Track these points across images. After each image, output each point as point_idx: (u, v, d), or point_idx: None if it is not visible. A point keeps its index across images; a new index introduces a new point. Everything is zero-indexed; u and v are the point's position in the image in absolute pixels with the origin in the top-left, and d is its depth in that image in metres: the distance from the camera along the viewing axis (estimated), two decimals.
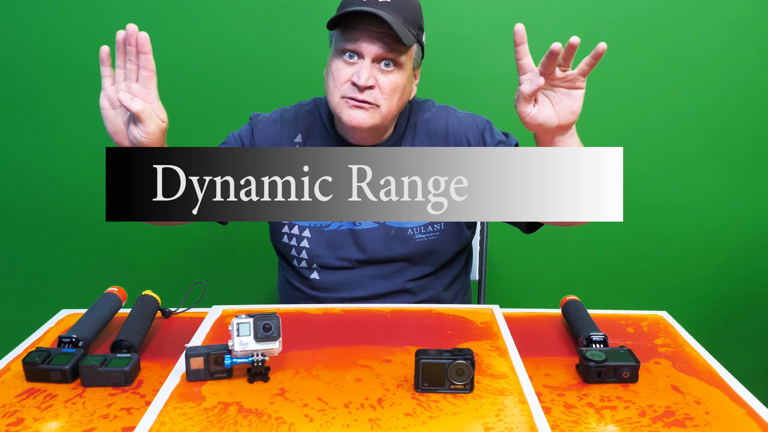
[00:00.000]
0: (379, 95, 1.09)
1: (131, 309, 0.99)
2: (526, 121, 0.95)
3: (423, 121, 1.23)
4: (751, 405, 0.82)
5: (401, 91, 1.11)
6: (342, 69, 1.09)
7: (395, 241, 1.20)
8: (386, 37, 1.06)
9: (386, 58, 1.08)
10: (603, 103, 1.79)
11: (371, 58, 1.07)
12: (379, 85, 1.08)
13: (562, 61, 0.90)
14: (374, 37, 1.06)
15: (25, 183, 1.86)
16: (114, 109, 0.95)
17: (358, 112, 1.09)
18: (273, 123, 1.24)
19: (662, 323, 1.07)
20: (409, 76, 1.13)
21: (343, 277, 1.22)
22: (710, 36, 1.74)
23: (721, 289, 1.95)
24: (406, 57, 1.10)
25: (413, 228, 1.20)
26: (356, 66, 1.08)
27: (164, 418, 0.77)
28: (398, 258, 1.21)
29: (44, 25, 1.73)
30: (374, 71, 1.08)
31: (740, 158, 1.83)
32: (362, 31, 1.06)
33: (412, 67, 1.14)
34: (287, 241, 1.23)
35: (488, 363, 0.91)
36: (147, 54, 0.93)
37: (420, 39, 1.13)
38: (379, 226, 1.20)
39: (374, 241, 1.20)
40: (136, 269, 1.93)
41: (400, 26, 1.05)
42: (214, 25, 1.73)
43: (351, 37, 1.07)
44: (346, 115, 1.09)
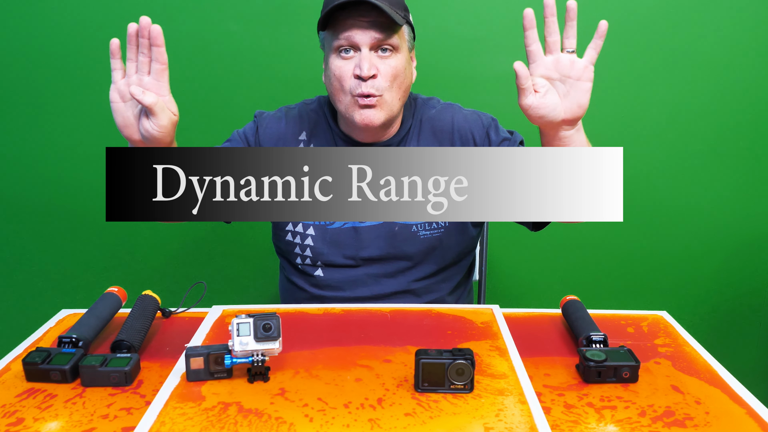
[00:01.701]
0: (382, 83, 1.09)
1: (131, 309, 0.99)
2: (528, 113, 0.94)
3: (428, 118, 1.23)
4: (751, 405, 0.82)
5: (402, 74, 1.12)
6: (342, 66, 1.09)
7: (399, 239, 1.20)
8: (376, 24, 1.07)
9: (382, 44, 1.09)
10: (603, 103, 1.78)
11: (368, 47, 1.08)
12: (381, 73, 1.09)
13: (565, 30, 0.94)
14: (365, 26, 1.07)
15: (25, 183, 1.86)
16: (124, 102, 0.96)
17: (369, 111, 1.09)
18: (278, 120, 1.24)
19: (662, 323, 1.07)
20: (406, 58, 1.14)
21: (347, 275, 1.22)
22: (710, 36, 1.74)
23: (721, 289, 1.95)
24: (400, 39, 1.11)
25: (417, 225, 1.20)
26: (355, 58, 1.09)
27: (164, 418, 0.77)
28: (402, 256, 1.21)
29: (44, 25, 1.73)
30: (374, 59, 1.09)
31: (740, 158, 1.83)
32: (352, 24, 1.07)
33: (407, 48, 1.15)
34: (291, 239, 1.22)
35: (488, 363, 0.91)
36: (160, 47, 0.93)
37: (408, 19, 1.14)
38: (383, 224, 1.20)
39: (378, 238, 1.20)
40: (136, 269, 1.93)
41: (387, 7, 1.07)
42: (214, 25, 1.73)
43: (343, 32, 1.08)
44: (359, 116, 1.10)
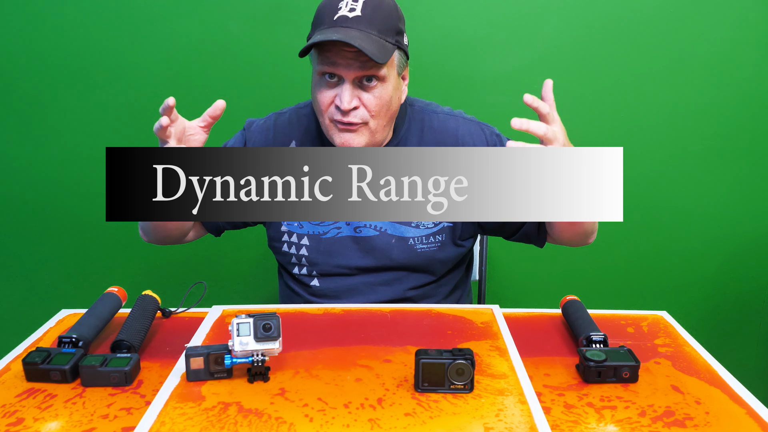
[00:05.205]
0: (366, 113, 1.06)
1: (131, 309, 0.99)
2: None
3: (430, 128, 1.19)
4: (751, 405, 0.82)
5: (389, 102, 1.08)
6: (324, 92, 1.06)
7: (396, 250, 1.18)
8: (362, 56, 1.01)
9: (366, 76, 1.04)
10: (603, 103, 1.78)
11: (351, 80, 1.04)
12: (364, 104, 1.05)
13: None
14: (350, 57, 1.02)
15: (25, 183, 1.86)
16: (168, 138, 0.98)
17: (348, 134, 1.07)
18: (266, 131, 1.22)
19: (662, 323, 1.07)
20: (395, 84, 1.09)
21: (343, 284, 1.21)
22: (710, 36, 1.74)
23: (721, 289, 1.95)
24: (388, 68, 1.06)
25: (414, 238, 1.18)
26: (338, 88, 1.05)
27: (164, 418, 0.77)
28: (399, 266, 1.20)
29: (44, 25, 1.73)
30: (356, 91, 1.05)
31: (740, 158, 1.83)
32: (336, 54, 1.02)
33: (396, 74, 1.09)
34: (287, 249, 1.22)
35: (488, 363, 0.91)
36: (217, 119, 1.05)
37: (400, 44, 1.08)
38: (380, 234, 1.18)
39: (375, 249, 1.18)
40: (136, 269, 1.93)
41: (374, 44, 1.01)
42: (214, 25, 1.73)
43: (327, 60, 1.04)
44: (338, 138, 1.07)
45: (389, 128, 1.14)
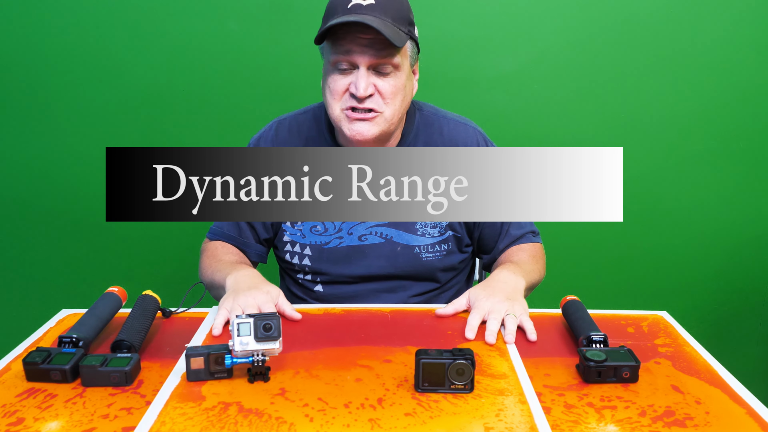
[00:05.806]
0: (381, 101, 1.06)
1: (131, 309, 0.99)
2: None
3: (440, 135, 1.17)
4: (751, 405, 0.82)
5: (403, 91, 1.08)
6: (338, 80, 1.06)
7: (401, 259, 1.18)
8: (377, 42, 1.02)
9: (381, 63, 1.05)
10: (603, 103, 1.78)
11: (366, 66, 1.04)
12: (379, 91, 1.06)
13: None
14: (365, 44, 1.02)
15: (25, 183, 1.86)
16: None
17: (360, 124, 1.05)
18: (269, 145, 1.20)
19: (662, 323, 1.07)
20: (408, 74, 1.10)
21: (346, 291, 1.21)
22: (710, 36, 1.74)
23: (721, 289, 1.95)
24: (401, 57, 1.07)
25: (420, 247, 1.17)
26: (352, 75, 1.05)
27: (164, 418, 0.77)
28: (403, 275, 1.20)
29: (45, 25, 1.73)
30: (372, 78, 1.05)
31: (740, 158, 1.83)
32: (351, 41, 1.03)
33: (409, 65, 1.10)
34: (290, 258, 1.21)
35: (488, 363, 0.91)
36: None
37: (412, 35, 1.10)
38: (385, 242, 1.17)
39: (380, 258, 1.18)
40: (136, 269, 1.93)
41: (389, 28, 1.02)
42: (214, 25, 1.73)
43: (341, 48, 1.04)
44: (348, 129, 1.06)
45: (401, 122, 1.13)
